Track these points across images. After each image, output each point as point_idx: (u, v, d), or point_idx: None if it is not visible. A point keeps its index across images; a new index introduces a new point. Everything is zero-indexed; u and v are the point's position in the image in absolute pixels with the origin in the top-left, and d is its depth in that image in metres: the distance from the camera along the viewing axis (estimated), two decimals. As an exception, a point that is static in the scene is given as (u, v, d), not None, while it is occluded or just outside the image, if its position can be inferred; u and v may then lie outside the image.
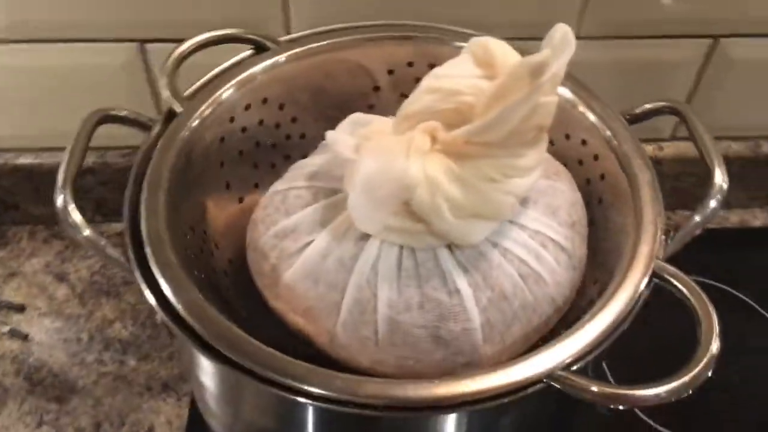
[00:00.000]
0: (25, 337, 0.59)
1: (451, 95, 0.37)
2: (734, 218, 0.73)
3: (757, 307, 0.65)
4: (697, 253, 0.40)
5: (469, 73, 0.38)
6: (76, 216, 0.38)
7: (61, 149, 0.63)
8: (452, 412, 0.33)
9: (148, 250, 0.37)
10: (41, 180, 0.65)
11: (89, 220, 0.66)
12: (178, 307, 0.34)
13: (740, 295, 0.65)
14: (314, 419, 0.37)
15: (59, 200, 0.38)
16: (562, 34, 0.35)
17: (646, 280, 0.37)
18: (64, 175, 0.39)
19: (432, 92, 0.38)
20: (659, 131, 0.67)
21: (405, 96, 0.51)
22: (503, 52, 0.37)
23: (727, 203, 0.71)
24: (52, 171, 0.63)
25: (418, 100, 0.39)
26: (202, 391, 0.43)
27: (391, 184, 0.36)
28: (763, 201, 0.73)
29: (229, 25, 0.49)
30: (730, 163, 0.43)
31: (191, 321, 0.34)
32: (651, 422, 0.57)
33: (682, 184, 0.69)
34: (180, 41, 0.47)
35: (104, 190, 0.66)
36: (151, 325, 0.61)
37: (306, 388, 0.32)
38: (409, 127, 0.38)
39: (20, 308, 0.61)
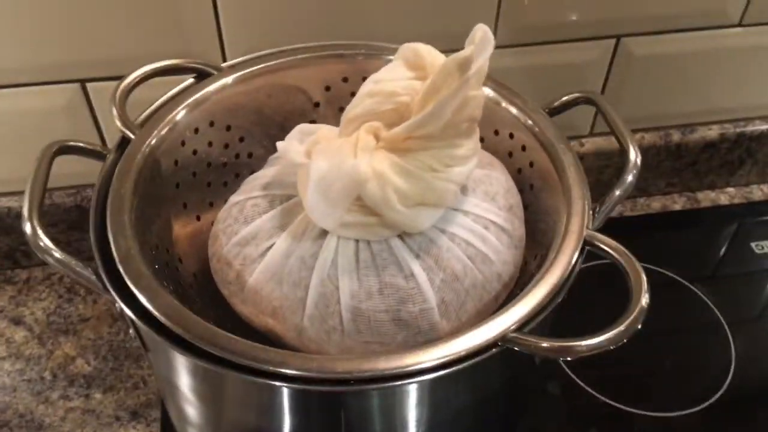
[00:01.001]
0: (-14, 383, 0.59)
1: (389, 97, 0.41)
2: (656, 204, 0.79)
3: (682, 280, 0.70)
4: (626, 238, 0.43)
5: (402, 75, 0.42)
6: (46, 241, 0.39)
7: (6, 195, 0.65)
8: (425, 377, 0.35)
9: (120, 265, 0.38)
10: (-14, 227, 0.65)
11: (36, 264, 0.68)
12: (156, 312, 0.36)
13: (667, 272, 0.70)
14: (292, 404, 0.39)
15: (27, 228, 0.39)
16: (482, 32, 0.39)
17: (580, 246, 0.41)
18: (29, 204, 0.40)
19: (371, 96, 0.42)
20: (579, 129, 0.73)
21: (343, 109, 0.55)
22: (431, 54, 0.41)
23: (647, 192, 0.78)
24: (-1, 217, 0.65)
25: (359, 104, 0.42)
26: (179, 402, 0.45)
27: (343, 181, 0.39)
28: (680, 187, 0.80)
29: (167, 59, 0.52)
30: (645, 152, 0.47)
31: (170, 324, 0.36)
32: (599, 396, 0.61)
33: (604, 177, 0.75)
34: (120, 78, 0.49)
35: (55, 231, 0.66)
36: (112, 358, 0.62)
37: (286, 371, 0.35)
38: (354, 130, 0.42)
39: (-22, 355, 0.61)
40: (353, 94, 0.54)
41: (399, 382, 0.35)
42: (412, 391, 0.38)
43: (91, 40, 0.58)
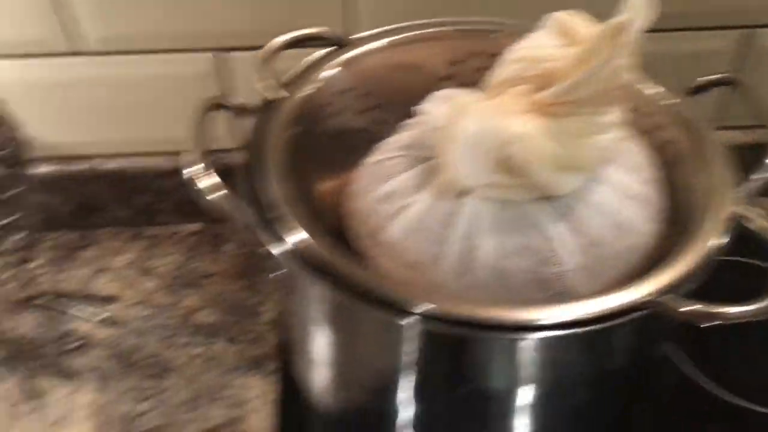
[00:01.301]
0: (118, 325, 0.63)
1: (535, 62, 0.42)
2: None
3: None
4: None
5: (549, 43, 0.43)
6: (207, 181, 0.42)
7: (144, 154, 0.69)
8: (575, 330, 0.36)
9: (284, 206, 0.41)
10: (125, 184, 0.70)
11: (165, 222, 0.72)
12: (321, 251, 0.39)
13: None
14: (424, 345, 0.41)
15: (193, 168, 0.42)
16: (638, 0, 0.39)
17: (727, 219, 0.41)
18: (192, 151, 0.43)
19: (517, 62, 0.43)
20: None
21: (466, 85, 0.57)
22: (582, 22, 0.42)
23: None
24: (136, 176, 0.69)
25: (505, 69, 0.43)
26: (311, 346, 0.47)
27: (491, 142, 0.40)
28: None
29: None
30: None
31: (334, 262, 0.39)
32: (718, 389, 0.60)
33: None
34: (256, 48, 0.52)
35: (185, 190, 0.70)
36: (233, 313, 0.65)
37: (437, 311, 0.36)
38: (500, 93, 0.43)
39: (112, 299, 0.65)
40: (479, 70, 0.55)
41: (554, 332, 0.37)
42: (553, 346, 0.39)
43: (226, 12, 0.61)
